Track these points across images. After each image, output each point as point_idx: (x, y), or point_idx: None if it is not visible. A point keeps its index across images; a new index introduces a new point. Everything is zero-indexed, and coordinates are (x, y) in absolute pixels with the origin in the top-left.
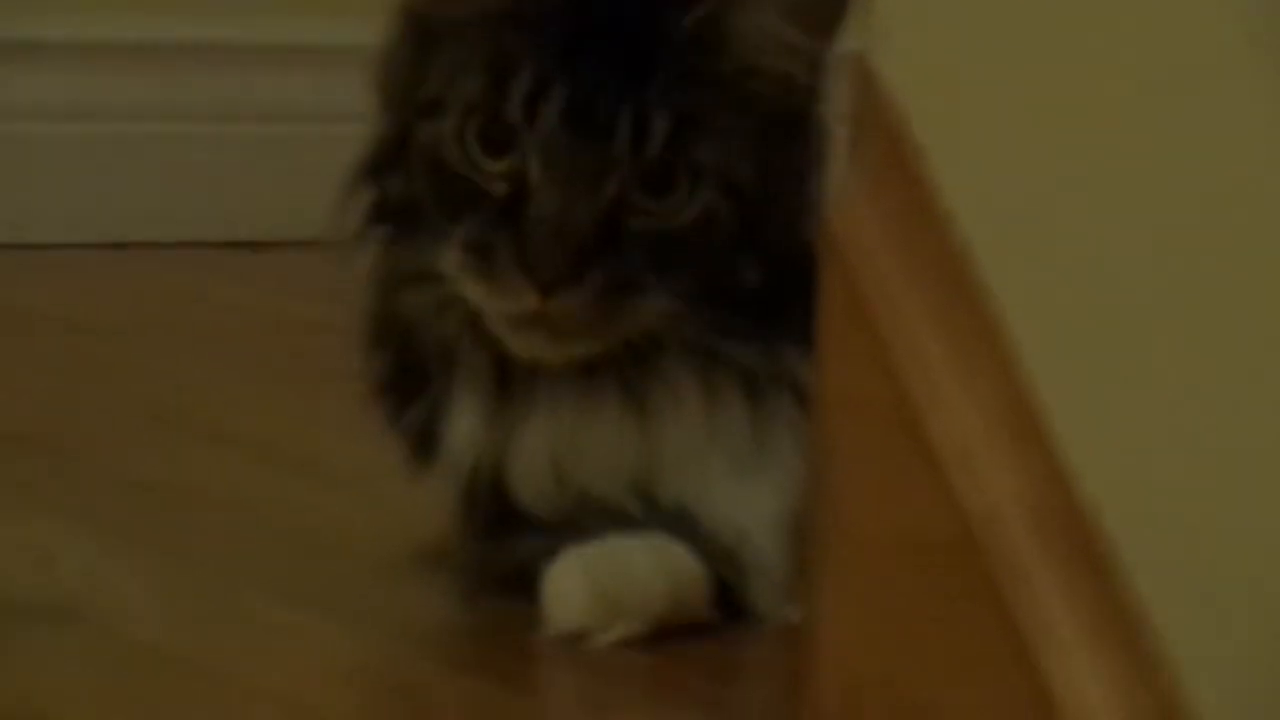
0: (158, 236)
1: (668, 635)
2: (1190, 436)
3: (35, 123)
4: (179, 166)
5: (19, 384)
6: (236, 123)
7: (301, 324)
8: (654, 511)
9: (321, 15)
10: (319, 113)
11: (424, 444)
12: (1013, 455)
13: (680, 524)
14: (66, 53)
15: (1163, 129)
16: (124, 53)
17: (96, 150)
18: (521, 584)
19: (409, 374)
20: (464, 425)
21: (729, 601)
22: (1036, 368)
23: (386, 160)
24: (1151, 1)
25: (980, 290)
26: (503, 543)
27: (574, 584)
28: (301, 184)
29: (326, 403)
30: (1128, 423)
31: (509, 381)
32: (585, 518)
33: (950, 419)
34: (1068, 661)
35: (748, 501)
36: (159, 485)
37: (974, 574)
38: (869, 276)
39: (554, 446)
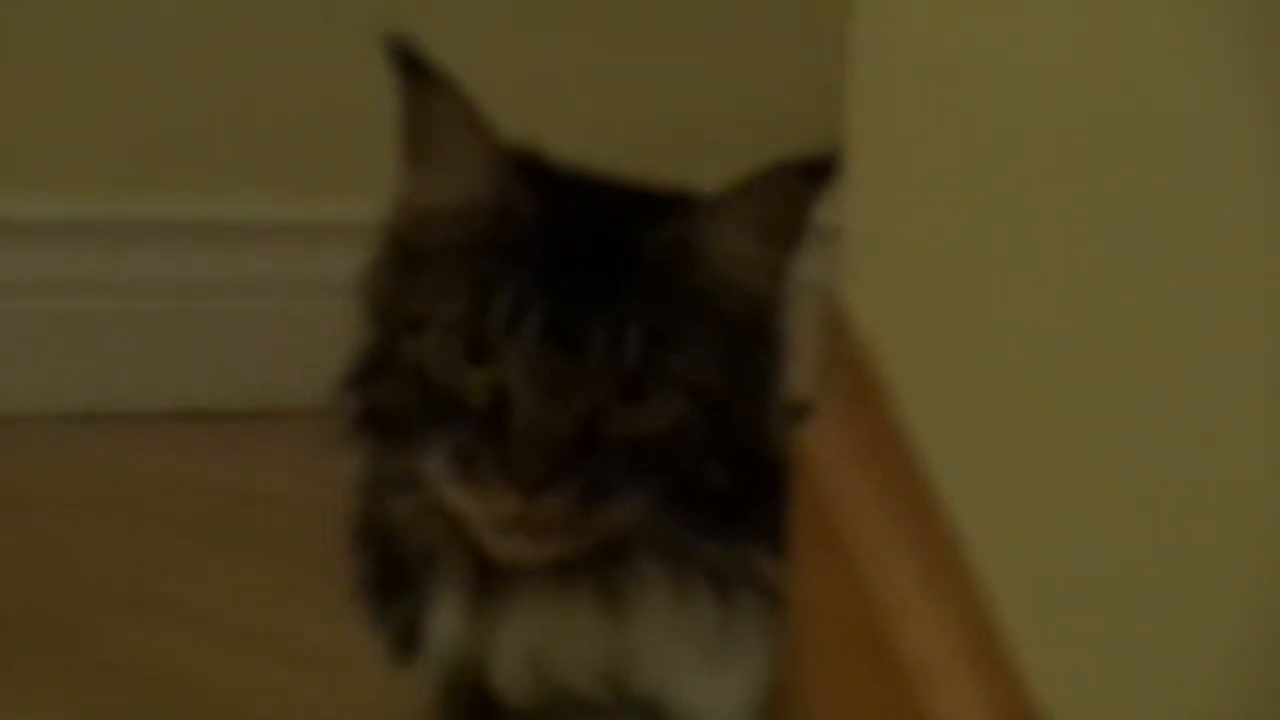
0: (122, 408)
1: None
2: (1143, 658)
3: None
4: (142, 339)
5: None
6: (198, 298)
7: (269, 497)
8: (627, 704)
9: (282, 193)
10: (279, 287)
11: (406, 640)
12: (974, 670)
13: (652, 716)
14: (28, 230)
15: (1119, 359)
16: (85, 230)
17: (61, 324)
18: None
19: (392, 572)
20: (446, 623)
21: None
22: (997, 587)
23: (373, 371)
24: (1100, 237)
25: (942, 513)
26: None
27: None
28: (262, 356)
29: (303, 582)
30: (1085, 641)
31: (488, 581)
32: (562, 710)
33: (914, 633)
34: None
35: (716, 694)
36: (141, 669)
37: None
38: (838, 498)
39: (531, 643)
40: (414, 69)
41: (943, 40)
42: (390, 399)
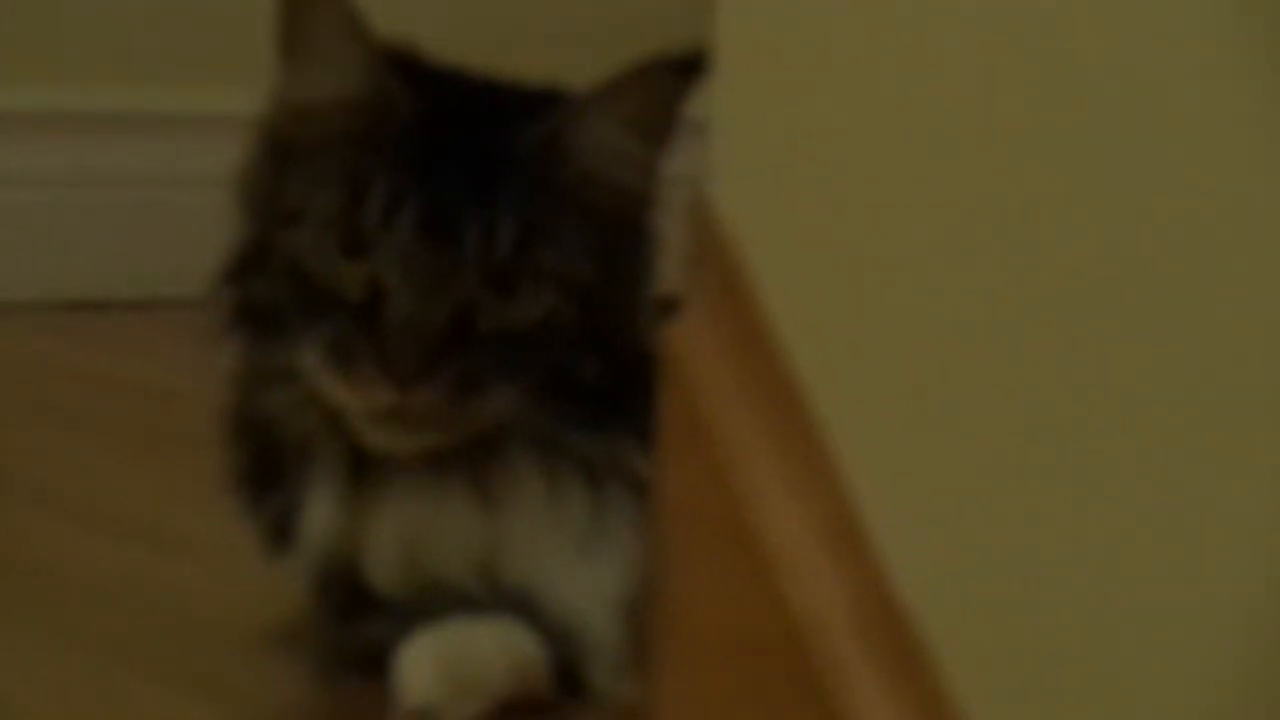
0: (1, 297)
1: (511, 712)
2: (999, 544)
3: None
4: (21, 230)
5: None
6: (78, 188)
7: (144, 388)
8: (499, 594)
9: (160, 84)
10: (154, 178)
11: (281, 531)
12: (836, 563)
13: (523, 606)
14: None
15: (980, 257)
16: None
17: None
18: (374, 664)
19: (267, 466)
20: (319, 514)
21: (569, 680)
22: (858, 480)
23: (249, 265)
24: (963, 130)
25: (807, 408)
26: (356, 625)
27: (424, 665)
28: (140, 246)
29: (178, 472)
30: (941, 531)
31: (363, 473)
32: (434, 601)
33: (778, 528)
34: None
35: (586, 584)
36: (23, 561)
37: (801, 675)
38: (705, 393)
39: (405, 534)
40: None
41: None
42: (266, 293)
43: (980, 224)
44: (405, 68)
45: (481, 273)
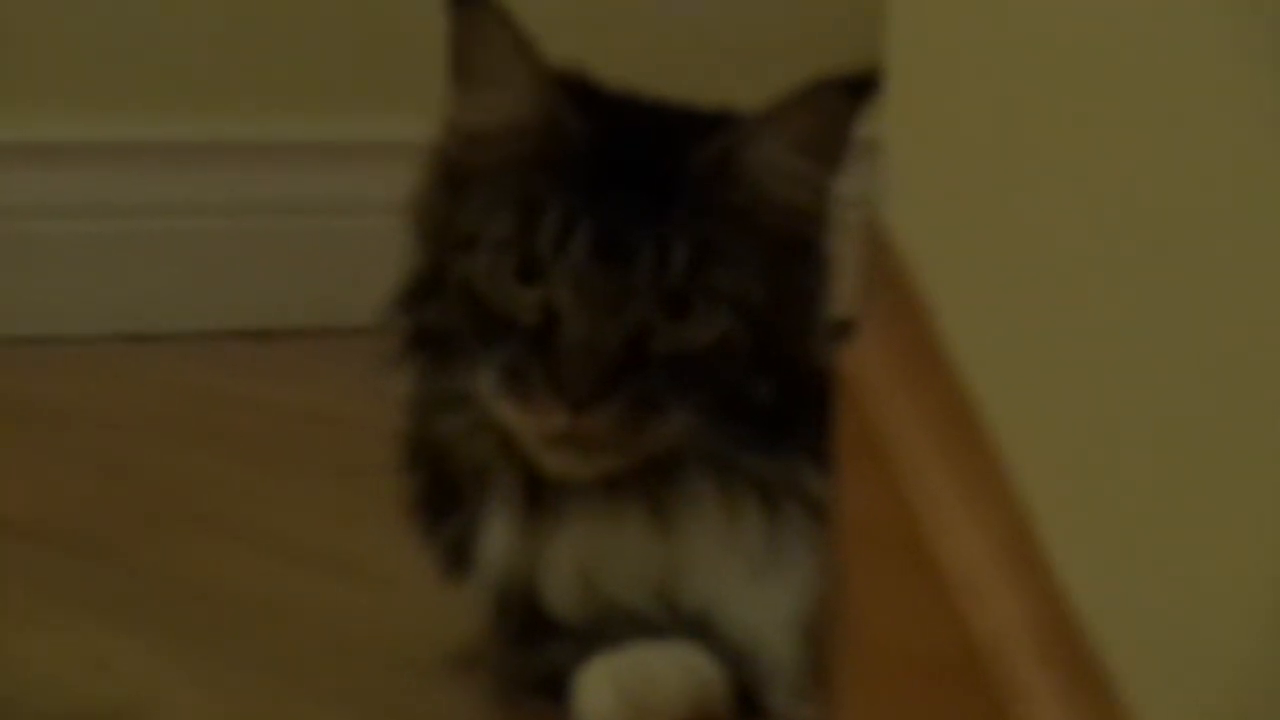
0: (172, 329)
1: None
2: (1175, 563)
3: (52, 221)
4: (194, 260)
5: (52, 480)
6: (249, 218)
7: (314, 414)
8: (676, 617)
9: (331, 113)
10: (323, 206)
11: (458, 556)
12: (1014, 581)
13: (701, 629)
14: (79, 153)
15: (1157, 276)
16: (136, 152)
17: (113, 246)
18: (552, 689)
19: (443, 491)
20: (497, 539)
21: (748, 702)
22: (1033, 497)
23: (423, 291)
24: (1135, 153)
25: (982, 427)
26: (534, 649)
27: (603, 691)
28: (305, 275)
29: (349, 497)
30: (1118, 547)
31: (539, 497)
32: (612, 625)
33: (956, 546)
34: None
35: (764, 606)
36: (200, 586)
37: (979, 692)
38: (880, 414)
39: (582, 558)
40: None
41: None
42: (440, 318)
43: (1156, 239)
44: (575, 91)
45: (655, 295)
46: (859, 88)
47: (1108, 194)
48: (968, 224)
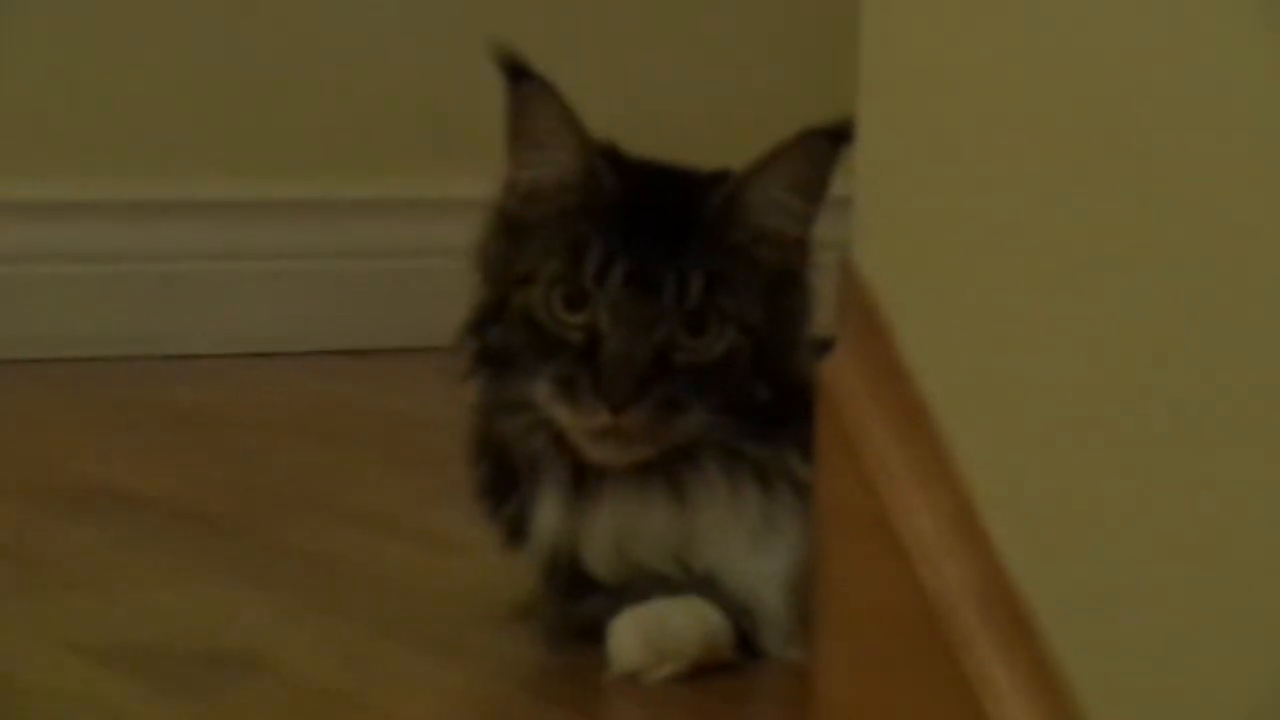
0: (292, 348)
1: (701, 672)
2: (1093, 535)
3: (200, 262)
4: (316, 293)
5: (192, 468)
6: (356, 260)
7: (406, 417)
8: (690, 576)
9: (407, 177)
10: (408, 251)
11: (516, 530)
12: (960, 550)
13: (710, 587)
14: (220, 210)
15: (1062, 306)
16: (263, 208)
17: (256, 281)
18: (591, 634)
19: (504, 478)
20: (547, 515)
21: (747, 645)
22: (979, 484)
23: (488, 319)
24: (1048, 193)
25: (933, 424)
26: (577, 603)
27: (631, 636)
28: (397, 305)
29: (434, 483)
30: (1047, 523)
31: (581, 481)
32: (639, 583)
33: (912, 522)
34: (1003, 708)
35: (760, 569)
36: (311, 553)
37: (932, 640)
38: (852, 414)
39: (615, 529)
40: (519, 75)
41: (930, 58)
42: (502, 340)
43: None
44: (609, 156)
45: (677, 317)
46: (838, 136)
47: (1026, 244)
48: (919, 264)
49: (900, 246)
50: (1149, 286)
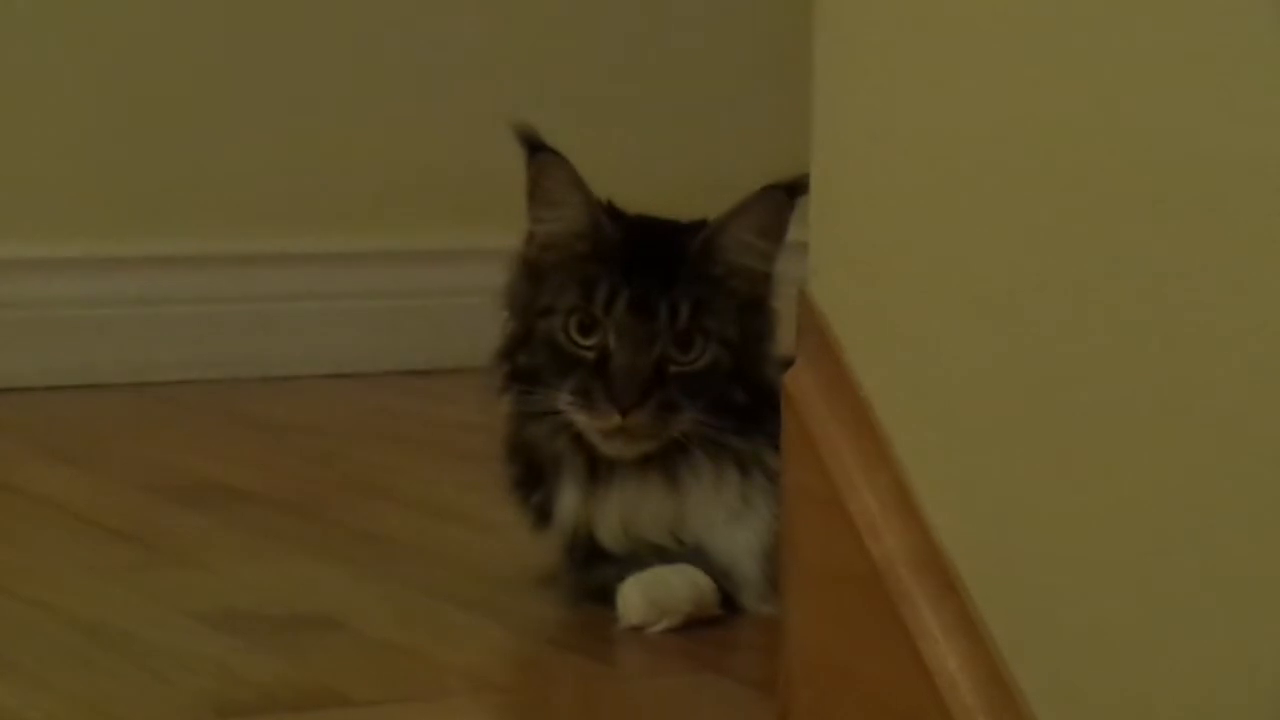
0: (364, 369)
1: (693, 625)
2: (1009, 510)
3: (293, 303)
4: (384, 325)
5: (279, 466)
6: (413, 299)
7: (459, 424)
8: (682, 547)
9: (449, 229)
10: (454, 291)
11: (542, 515)
12: (898, 522)
13: (699, 555)
14: (306, 260)
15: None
16: (345, 258)
17: (330, 317)
18: (603, 596)
19: (532, 474)
20: (568, 502)
21: (729, 603)
22: (912, 470)
23: (515, 345)
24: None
25: (875, 421)
26: (591, 571)
27: (636, 597)
28: (448, 333)
29: (479, 476)
30: (968, 500)
31: (595, 473)
32: (642, 553)
33: (859, 499)
34: (935, 648)
35: (739, 540)
36: (377, 534)
37: (877, 597)
38: (810, 415)
39: (622, 510)
40: (536, 147)
41: (872, 127)
42: (528, 362)
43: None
44: (609, 211)
45: (670, 336)
46: (794, 189)
47: (947, 278)
48: (862, 294)
49: (847, 280)
50: (1051, 306)
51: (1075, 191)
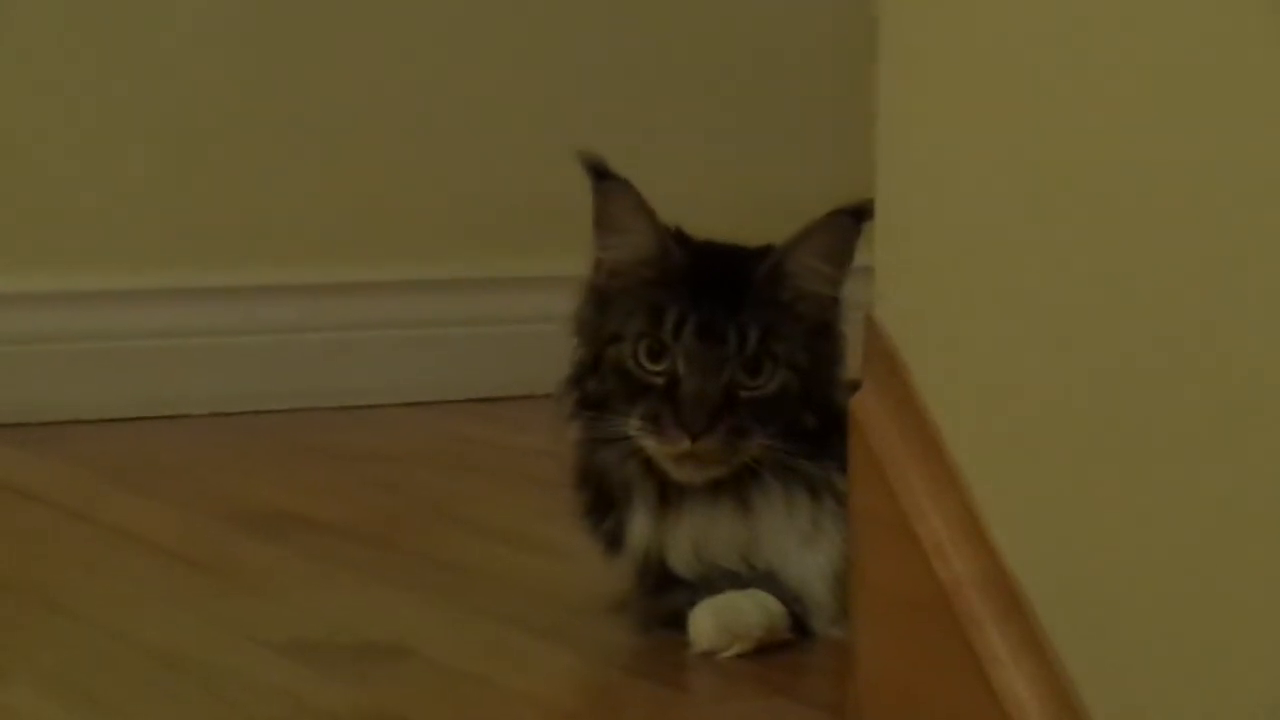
0: (435, 397)
1: (764, 650)
2: (1079, 537)
3: (365, 331)
4: (453, 354)
5: (350, 495)
6: (485, 326)
7: (529, 450)
8: (754, 572)
9: (517, 258)
10: (524, 319)
11: (613, 541)
12: (966, 547)
13: (770, 580)
14: (379, 288)
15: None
16: (414, 287)
17: (400, 346)
18: (675, 622)
19: (603, 500)
20: (639, 528)
21: (800, 627)
22: (980, 493)
23: (584, 372)
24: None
25: (943, 445)
26: (662, 597)
27: (707, 622)
28: (517, 361)
29: (550, 503)
30: (1039, 526)
31: (665, 498)
32: (713, 578)
33: (927, 523)
34: (1004, 672)
35: (810, 565)
36: (448, 561)
37: (945, 620)
38: (877, 438)
39: (693, 535)
40: (601, 175)
41: (936, 154)
42: (597, 388)
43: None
44: (677, 237)
45: (739, 362)
46: (860, 214)
47: (1016, 301)
48: (929, 317)
49: (914, 304)
50: (1116, 331)
51: (1145, 221)
